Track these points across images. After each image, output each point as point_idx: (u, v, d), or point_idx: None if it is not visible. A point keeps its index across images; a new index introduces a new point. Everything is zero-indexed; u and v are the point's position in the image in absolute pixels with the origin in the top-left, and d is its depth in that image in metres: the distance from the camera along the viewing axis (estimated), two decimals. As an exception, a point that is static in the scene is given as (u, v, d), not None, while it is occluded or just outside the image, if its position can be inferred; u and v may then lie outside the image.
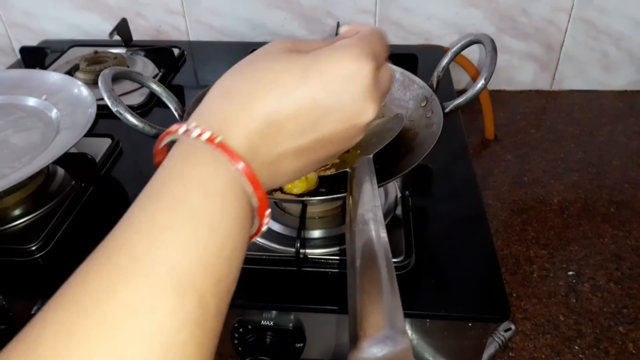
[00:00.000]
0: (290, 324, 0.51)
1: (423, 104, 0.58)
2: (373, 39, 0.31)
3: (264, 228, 0.29)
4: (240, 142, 0.27)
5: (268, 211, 0.28)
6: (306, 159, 0.30)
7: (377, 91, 0.30)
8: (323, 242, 0.55)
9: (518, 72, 1.05)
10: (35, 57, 0.96)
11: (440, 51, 0.98)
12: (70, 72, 0.83)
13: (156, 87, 0.59)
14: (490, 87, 0.95)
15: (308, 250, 0.53)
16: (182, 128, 0.27)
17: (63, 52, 0.98)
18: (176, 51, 0.97)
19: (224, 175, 0.26)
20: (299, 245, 0.51)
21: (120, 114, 0.52)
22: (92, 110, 0.62)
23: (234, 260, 0.26)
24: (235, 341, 0.52)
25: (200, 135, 0.26)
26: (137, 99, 0.82)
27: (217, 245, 0.24)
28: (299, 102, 0.28)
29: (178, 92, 0.89)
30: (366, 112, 0.30)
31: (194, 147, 0.26)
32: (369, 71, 0.29)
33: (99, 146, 0.70)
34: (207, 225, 0.24)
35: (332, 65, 0.29)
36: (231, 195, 0.26)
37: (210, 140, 0.26)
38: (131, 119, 0.52)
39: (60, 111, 0.66)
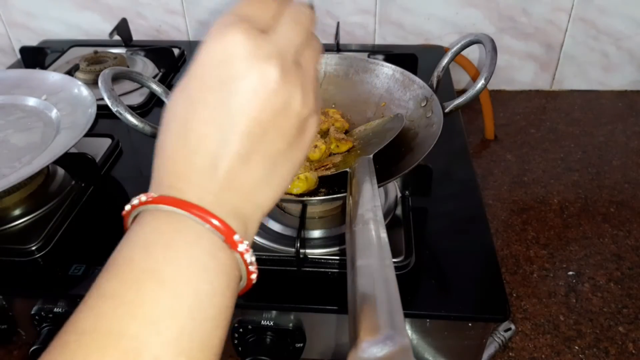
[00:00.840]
0: (290, 324, 0.51)
1: (423, 104, 0.58)
2: (238, 6, 0.28)
3: (250, 260, 0.27)
4: (174, 185, 0.27)
5: (237, 236, 0.26)
6: (258, 158, 0.27)
7: (269, 47, 0.26)
8: (323, 242, 0.55)
9: (518, 72, 1.04)
10: (35, 57, 0.97)
11: (440, 51, 0.98)
12: (70, 72, 0.83)
13: (156, 87, 0.59)
14: (490, 87, 0.95)
15: (308, 250, 0.53)
16: (127, 206, 0.27)
17: (63, 52, 0.98)
18: (176, 51, 0.97)
19: (169, 223, 0.26)
20: (299, 245, 0.51)
21: (120, 114, 0.52)
22: (92, 110, 0.62)
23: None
24: (235, 341, 0.52)
25: (140, 201, 0.26)
26: (137, 99, 0.83)
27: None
28: (191, 113, 0.27)
29: (178, 92, 0.89)
30: (266, 73, 0.26)
31: (140, 217, 0.27)
32: (236, 37, 0.26)
33: (99, 146, 0.70)
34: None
35: (200, 60, 0.27)
36: (189, 242, 0.26)
37: (149, 200, 0.26)
38: (131, 119, 0.52)
39: (60, 111, 0.66)
